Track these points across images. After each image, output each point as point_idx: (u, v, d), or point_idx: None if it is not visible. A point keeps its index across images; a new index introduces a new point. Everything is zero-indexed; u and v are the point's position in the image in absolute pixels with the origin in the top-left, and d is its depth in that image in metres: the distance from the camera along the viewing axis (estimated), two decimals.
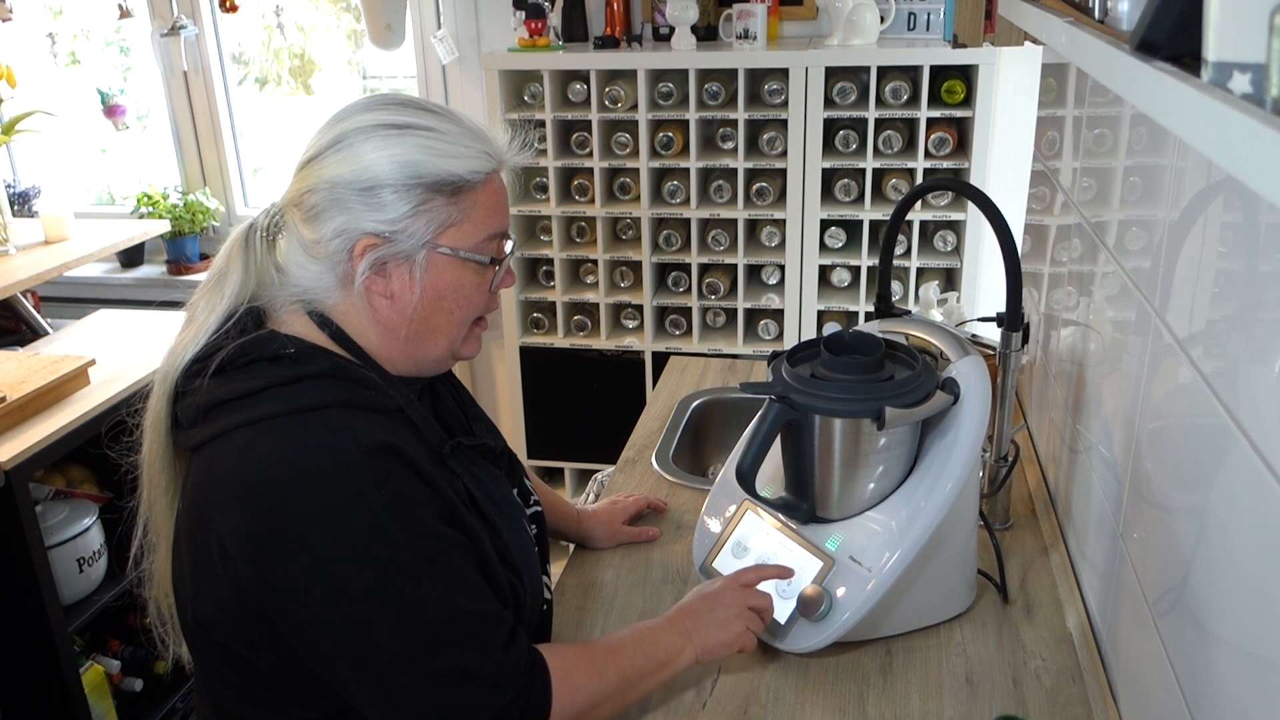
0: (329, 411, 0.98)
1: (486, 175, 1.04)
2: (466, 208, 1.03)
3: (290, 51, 3.44)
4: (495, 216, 1.06)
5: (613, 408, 2.92)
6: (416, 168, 1.00)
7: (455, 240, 1.03)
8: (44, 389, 1.99)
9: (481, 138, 1.05)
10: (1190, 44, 0.67)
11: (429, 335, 1.06)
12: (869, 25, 2.56)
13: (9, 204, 3.16)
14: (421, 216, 1.00)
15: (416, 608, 0.95)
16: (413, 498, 0.98)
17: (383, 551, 0.94)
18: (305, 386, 0.99)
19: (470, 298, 1.06)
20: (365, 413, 1.00)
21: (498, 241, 1.07)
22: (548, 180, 2.77)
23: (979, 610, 1.28)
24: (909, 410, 1.12)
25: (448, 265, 1.03)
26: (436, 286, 1.03)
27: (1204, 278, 0.86)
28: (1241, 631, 0.75)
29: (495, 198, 1.06)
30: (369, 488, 0.94)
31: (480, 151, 1.04)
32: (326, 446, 0.95)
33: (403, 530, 0.95)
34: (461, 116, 1.06)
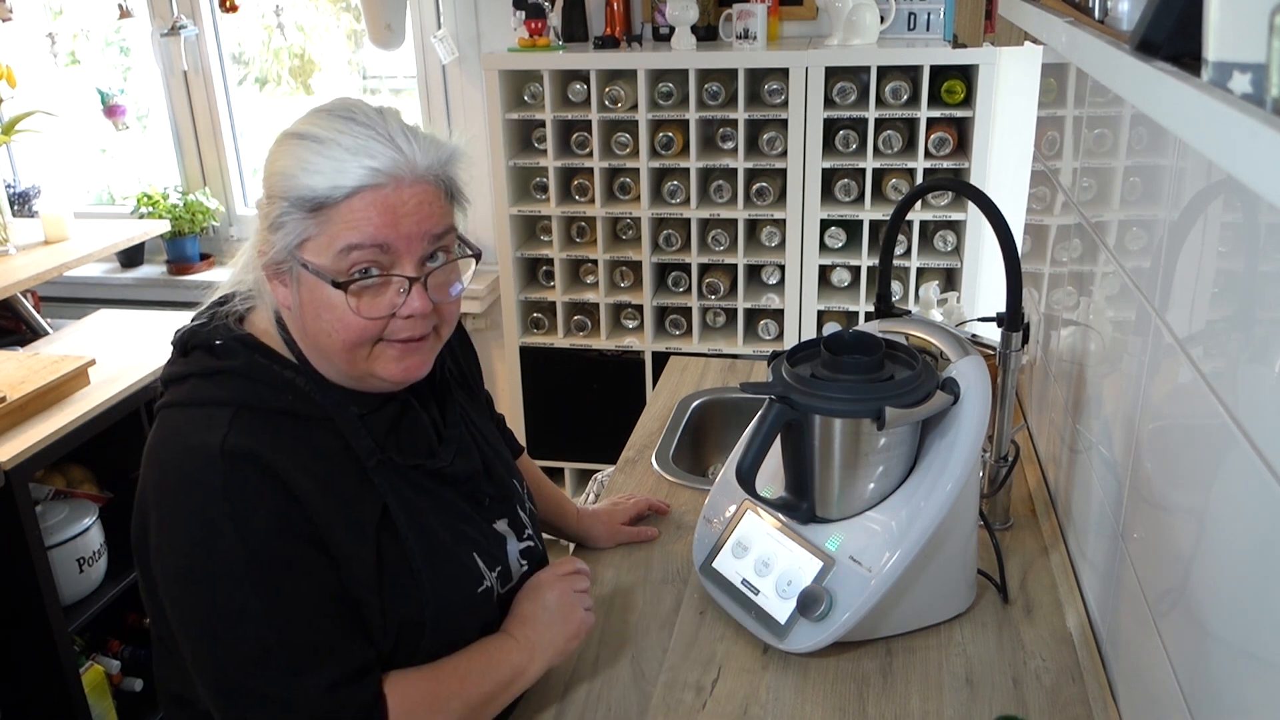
0: (219, 410, 1.00)
1: (351, 191, 0.96)
2: (323, 223, 0.98)
3: (290, 51, 3.44)
4: (355, 231, 0.97)
5: (613, 408, 2.92)
6: (287, 181, 0.98)
7: (313, 255, 0.99)
8: (44, 389, 1.99)
9: (371, 151, 0.97)
10: (1190, 44, 0.67)
11: (323, 350, 1.04)
12: (869, 25, 2.56)
13: (9, 204, 3.16)
14: (284, 229, 0.99)
15: (235, 620, 0.95)
16: (264, 513, 0.96)
17: (214, 558, 0.95)
18: (217, 380, 1.02)
19: (347, 322, 0.99)
20: (265, 415, 1.00)
21: (357, 255, 0.98)
22: (548, 180, 2.77)
23: (979, 610, 1.28)
24: (909, 410, 1.12)
25: (314, 282, 0.99)
26: (310, 302, 1.01)
27: (1204, 278, 0.86)
28: (1241, 631, 0.75)
29: (361, 214, 0.97)
30: (216, 493, 0.95)
31: (358, 166, 0.97)
32: (193, 445, 0.98)
33: (239, 541, 0.95)
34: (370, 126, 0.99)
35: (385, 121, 1.00)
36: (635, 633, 1.26)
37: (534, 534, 1.23)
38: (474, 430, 1.21)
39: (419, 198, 1.00)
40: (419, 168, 1.00)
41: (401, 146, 0.99)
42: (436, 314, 1.04)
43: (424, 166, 1.00)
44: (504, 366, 3.20)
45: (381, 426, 1.08)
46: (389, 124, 1.00)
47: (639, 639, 1.25)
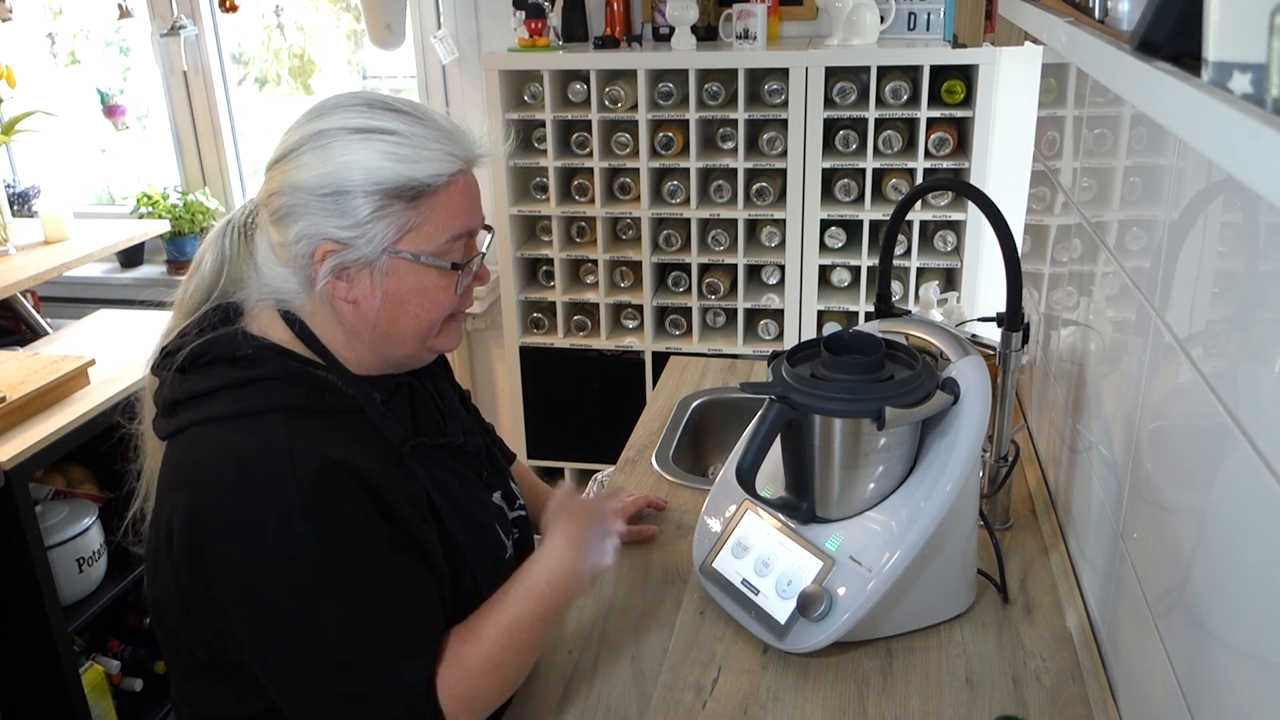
0: (270, 417, 0.99)
1: (449, 178, 1.02)
2: (426, 212, 1.02)
3: (290, 51, 3.44)
4: (458, 218, 1.04)
5: (613, 408, 2.92)
6: (375, 173, 0.99)
7: (416, 245, 1.02)
8: (44, 389, 1.99)
9: (447, 138, 1.03)
10: (1190, 44, 0.67)
11: (395, 337, 1.07)
12: (869, 25, 2.56)
13: (9, 204, 3.16)
14: (380, 222, 1.00)
15: (322, 626, 0.96)
16: (340, 515, 0.97)
17: (296, 569, 0.96)
18: (254, 389, 1.02)
19: (436, 300, 1.05)
20: (312, 416, 1.01)
21: (463, 243, 1.06)
22: (548, 180, 2.77)
23: (979, 610, 1.28)
24: (909, 410, 1.12)
25: (409, 270, 1.02)
26: (399, 291, 1.03)
27: (1204, 278, 0.86)
28: (1241, 631, 0.75)
29: (459, 199, 1.04)
30: (292, 502, 0.95)
31: (443, 154, 1.02)
32: (258, 455, 0.97)
33: (320, 549, 0.95)
34: (429, 116, 1.04)
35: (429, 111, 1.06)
36: (635, 633, 1.26)
37: (522, 504, 1.27)
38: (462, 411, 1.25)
39: (477, 180, 1.09)
40: (476, 152, 1.07)
41: (464, 132, 1.06)
42: None
43: (478, 151, 1.07)
44: (504, 366, 3.20)
45: (401, 411, 1.11)
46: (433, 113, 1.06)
47: (639, 639, 1.25)
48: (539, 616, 1.07)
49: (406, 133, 1.01)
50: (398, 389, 1.13)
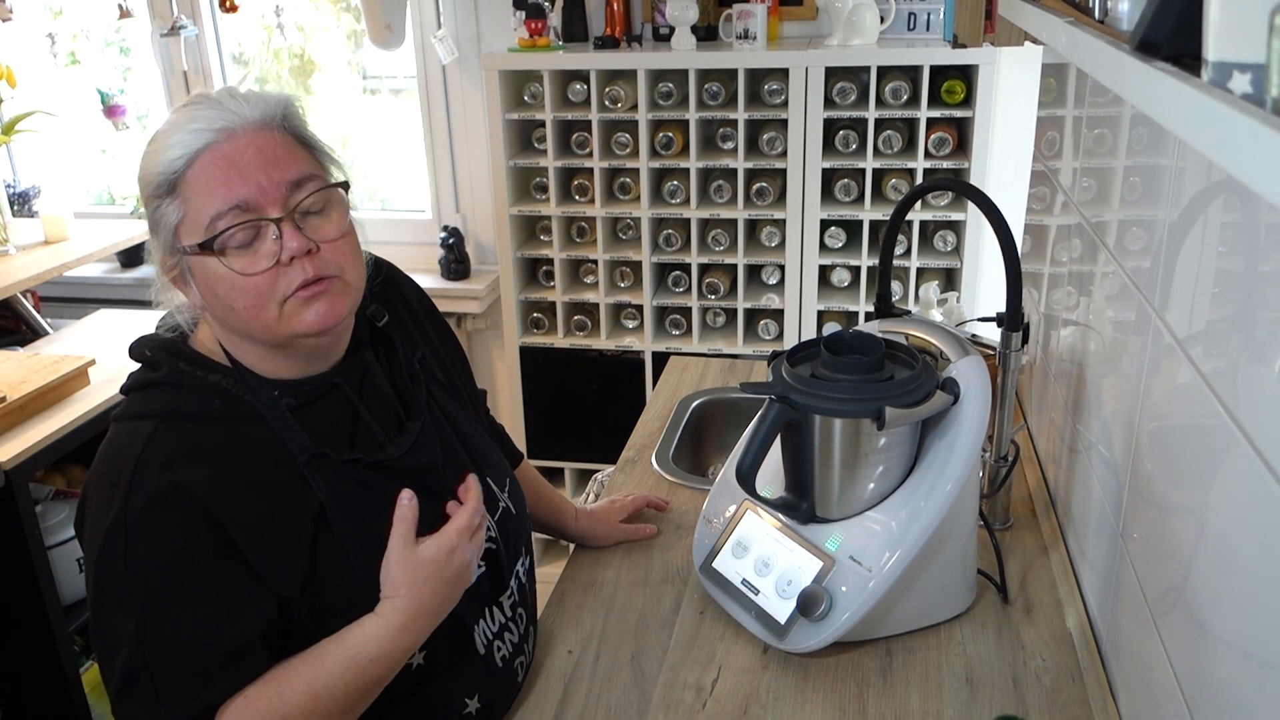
0: (142, 423, 1.01)
1: (193, 154, 0.97)
2: (184, 199, 0.98)
3: (290, 51, 3.44)
4: (215, 193, 0.97)
5: (613, 408, 2.92)
6: (144, 178, 1.01)
7: (191, 236, 0.99)
8: (44, 389, 1.99)
9: (198, 116, 0.98)
10: (1190, 44, 0.67)
11: (242, 331, 1.03)
12: (869, 25, 2.56)
13: (9, 204, 3.16)
14: (160, 225, 1.01)
15: (114, 642, 0.96)
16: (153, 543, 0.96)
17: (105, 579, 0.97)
18: (148, 393, 1.04)
19: (241, 286, 0.98)
20: (198, 423, 1.01)
21: (234, 216, 0.97)
22: (548, 180, 2.77)
23: (979, 610, 1.28)
24: (909, 410, 1.12)
25: (200, 264, 1.00)
26: (209, 286, 1.01)
27: (1204, 278, 0.86)
28: (1241, 631, 0.75)
29: (209, 173, 0.97)
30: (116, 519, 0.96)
31: (188, 132, 0.98)
32: (115, 460, 1.00)
33: (123, 568, 0.96)
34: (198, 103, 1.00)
35: (210, 94, 1.02)
36: (635, 633, 1.26)
37: (498, 537, 1.17)
38: (446, 423, 1.17)
39: (258, 145, 1.00)
40: (250, 119, 1.01)
41: (227, 104, 1.00)
42: (330, 257, 1.02)
43: (256, 117, 1.01)
44: (504, 366, 3.20)
45: (322, 420, 1.06)
46: (215, 95, 1.02)
47: (639, 639, 1.25)
48: (352, 688, 0.99)
49: (165, 127, 1.00)
50: (326, 395, 1.08)
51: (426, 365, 1.19)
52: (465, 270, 3.16)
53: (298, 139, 1.05)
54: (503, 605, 1.17)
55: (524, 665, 1.21)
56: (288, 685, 0.97)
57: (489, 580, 1.15)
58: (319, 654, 0.99)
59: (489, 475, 1.19)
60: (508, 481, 1.23)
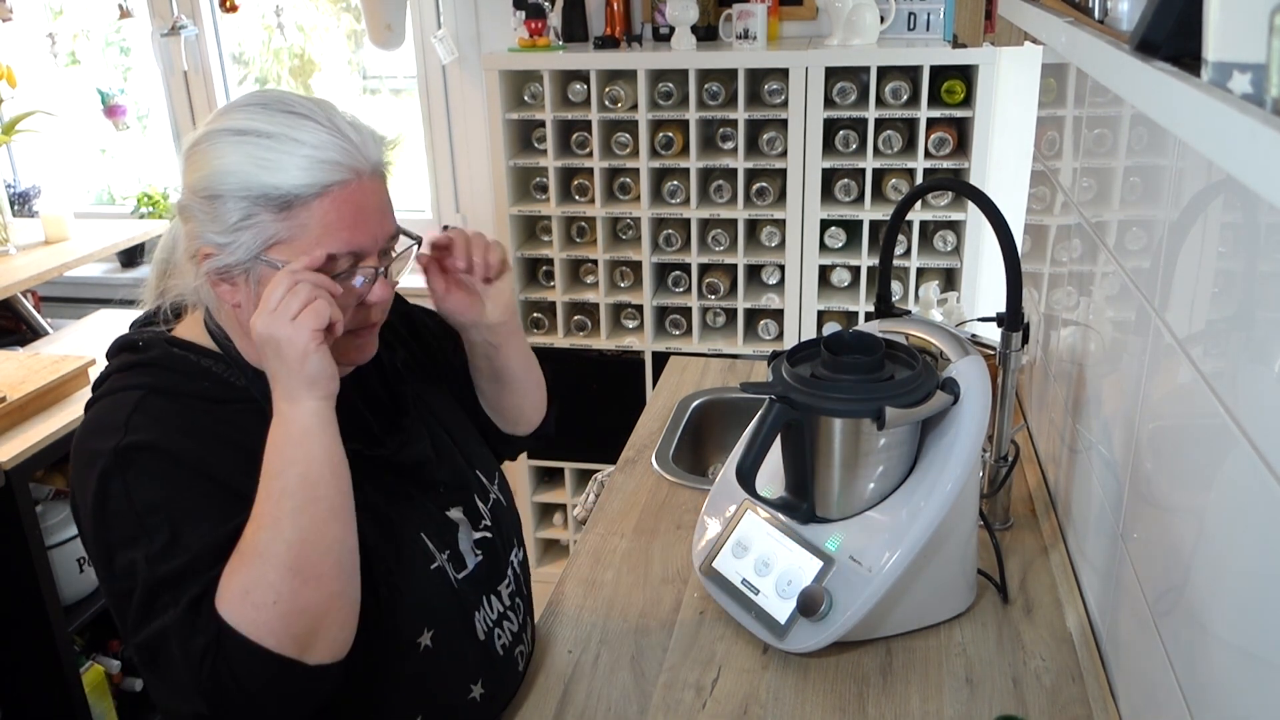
0: (129, 393, 1.01)
1: (323, 189, 0.96)
2: (298, 224, 0.96)
3: (290, 51, 3.44)
4: (334, 235, 0.97)
5: (613, 408, 2.92)
6: (242, 178, 0.96)
7: (287, 256, 0.97)
8: (44, 389, 1.99)
9: (331, 146, 0.97)
10: (1190, 44, 0.67)
11: None
12: (869, 25, 2.56)
13: (9, 204, 3.16)
14: (248, 230, 0.97)
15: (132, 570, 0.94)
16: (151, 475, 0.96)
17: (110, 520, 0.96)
18: (135, 372, 1.04)
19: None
20: (178, 398, 1.01)
21: (346, 261, 0.98)
22: (548, 180, 2.77)
23: (979, 610, 1.28)
24: (909, 410, 1.12)
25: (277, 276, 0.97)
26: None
27: (1204, 278, 0.86)
28: (1241, 631, 0.75)
29: (336, 214, 0.97)
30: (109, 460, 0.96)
31: (318, 162, 0.96)
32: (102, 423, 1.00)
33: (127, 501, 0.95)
34: (321, 120, 0.98)
35: (326, 112, 0.99)
36: (635, 633, 1.26)
37: (492, 526, 1.18)
38: (434, 419, 1.19)
39: (378, 194, 1.02)
40: (373, 162, 1.01)
41: (352, 138, 0.99)
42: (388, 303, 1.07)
43: (375, 160, 1.02)
44: None
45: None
46: (331, 115, 0.99)
47: (639, 639, 1.25)
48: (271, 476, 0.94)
49: (283, 136, 0.96)
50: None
51: (409, 365, 1.22)
52: None
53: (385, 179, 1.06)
54: (500, 594, 1.18)
55: (524, 655, 1.21)
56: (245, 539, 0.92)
57: (486, 568, 1.15)
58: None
59: (479, 469, 1.22)
60: (496, 474, 1.26)
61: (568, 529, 3.16)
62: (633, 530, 1.49)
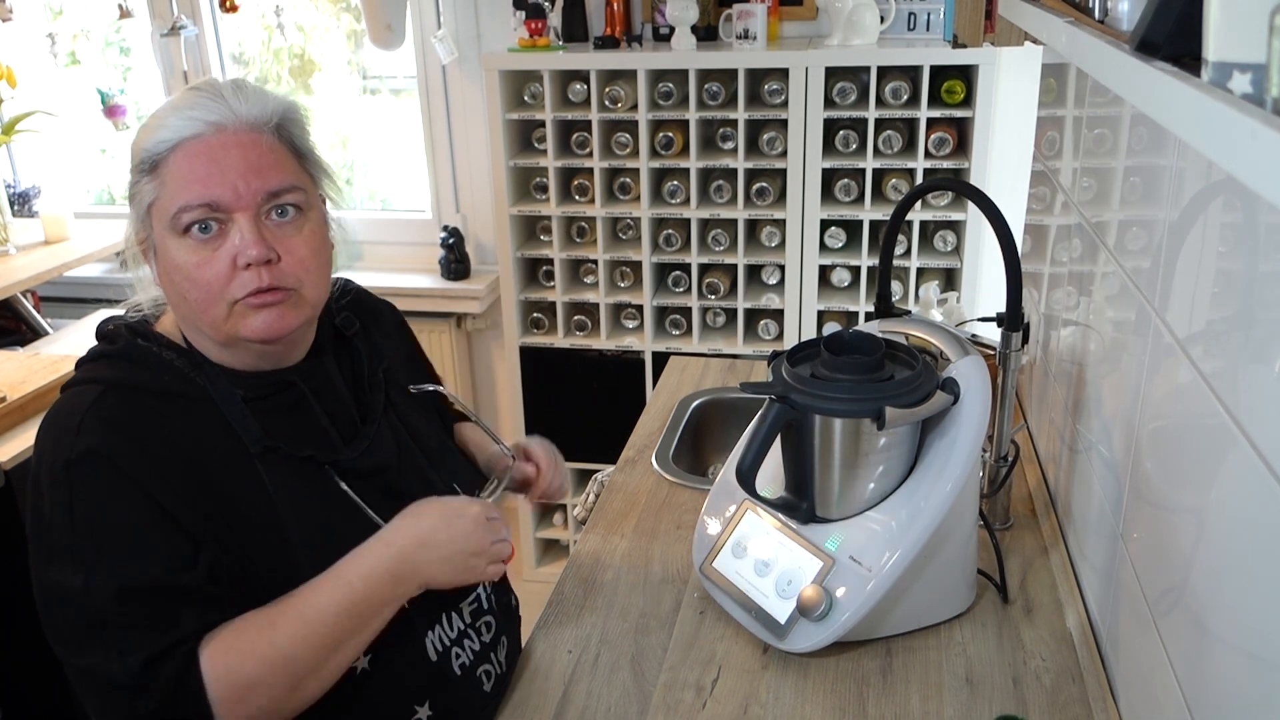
0: (89, 388, 1.02)
1: (174, 144, 0.99)
2: (160, 182, 1.00)
3: (290, 51, 3.44)
4: (187, 186, 0.98)
5: (613, 408, 2.92)
6: (133, 148, 1.02)
7: (160, 219, 1.01)
8: (44, 389, 1.99)
9: (196, 105, 1.00)
10: (1190, 44, 0.67)
11: (189, 320, 1.05)
12: (869, 25, 2.56)
13: (9, 204, 3.16)
14: (135, 199, 1.03)
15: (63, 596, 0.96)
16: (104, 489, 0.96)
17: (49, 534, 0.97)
18: (99, 363, 1.06)
19: (194, 277, 1.00)
20: (136, 393, 1.02)
21: (197, 213, 0.98)
22: (548, 180, 2.77)
23: (979, 610, 1.28)
24: (909, 410, 1.12)
25: (165, 246, 1.02)
26: (165, 270, 1.03)
27: (1204, 278, 0.86)
28: (1241, 631, 0.75)
29: (189, 164, 0.98)
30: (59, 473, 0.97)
31: (183, 119, 0.99)
32: (58, 421, 1.01)
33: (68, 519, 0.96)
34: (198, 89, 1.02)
35: (218, 83, 1.04)
36: (635, 633, 1.26)
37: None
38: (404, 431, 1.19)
39: (245, 147, 1.01)
40: (243, 116, 1.01)
41: (225, 97, 1.01)
42: (291, 269, 1.03)
43: (250, 116, 1.02)
44: (504, 366, 3.20)
45: (275, 415, 1.07)
46: (221, 85, 1.03)
47: (639, 639, 1.25)
48: (343, 612, 0.98)
49: (164, 107, 1.02)
50: (280, 393, 1.08)
51: (392, 376, 1.22)
52: (465, 270, 3.16)
53: (290, 146, 1.06)
54: (462, 611, 1.17)
55: (492, 675, 1.18)
56: (281, 615, 0.97)
57: None
58: (311, 583, 1.00)
59: (459, 482, 1.23)
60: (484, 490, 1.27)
61: (568, 529, 3.16)
62: (633, 530, 1.49)
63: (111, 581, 0.94)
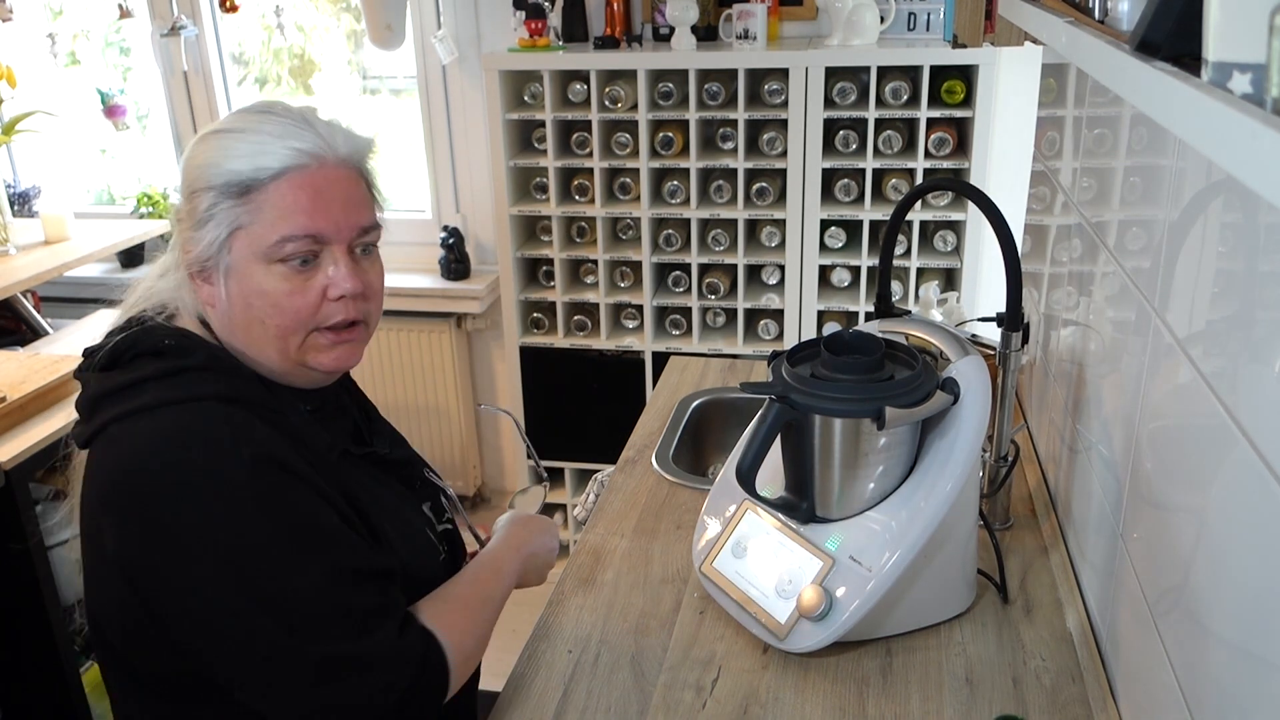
0: (204, 404, 0.98)
1: (278, 172, 0.98)
2: (255, 209, 0.98)
3: (290, 52, 3.44)
4: (289, 218, 0.98)
5: (613, 408, 2.92)
6: (208, 170, 0.99)
7: (247, 245, 0.99)
8: (44, 389, 1.99)
9: (298, 135, 1.00)
10: (1190, 44, 0.67)
11: (254, 345, 1.04)
12: (869, 25, 2.56)
13: (9, 204, 3.16)
14: (211, 221, 0.99)
15: (291, 600, 0.94)
16: (287, 491, 0.97)
17: (252, 544, 0.93)
18: (184, 379, 1.00)
19: (281, 305, 1.00)
20: (244, 408, 1.00)
21: (298, 245, 1.00)
22: (548, 180, 2.77)
23: (979, 610, 1.28)
24: (909, 410, 1.12)
25: (248, 272, 1.00)
26: (241, 294, 1.01)
27: (1204, 278, 0.86)
28: (1241, 631, 0.75)
29: (292, 196, 0.99)
30: (243, 482, 0.94)
31: (282, 147, 0.99)
32: (198, 436, 0.95)
33: (273, 521, 0.94)
34: (287, 116, 1.02)
35: (302, 113, 1.04)
36: (635, 633, 1.26)
37: (451, 520, 1.28)
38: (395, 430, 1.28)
39: (343, 182, 1.03)
40: (340, 151, 1.03)
41: (320, 131, 1.02)
42: (367, 303, 1.06)
43: (345, 152, 1.04)
44: (504, 366, 3.20)
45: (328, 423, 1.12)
46: (305, 114, 1.04)
47: (639, 639, 1.25)
48: (502, 599, 1.17)
49: (249, 129, 1.00)
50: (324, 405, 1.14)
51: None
52: (465, 270, 3.17)
53: (368, 183, 1.08)
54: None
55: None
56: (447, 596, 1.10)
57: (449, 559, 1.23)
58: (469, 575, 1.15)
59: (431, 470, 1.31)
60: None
61: (568, 529, 3.16)
62: (633, 530, 1.49)
63: (340, 569, 0.97)
